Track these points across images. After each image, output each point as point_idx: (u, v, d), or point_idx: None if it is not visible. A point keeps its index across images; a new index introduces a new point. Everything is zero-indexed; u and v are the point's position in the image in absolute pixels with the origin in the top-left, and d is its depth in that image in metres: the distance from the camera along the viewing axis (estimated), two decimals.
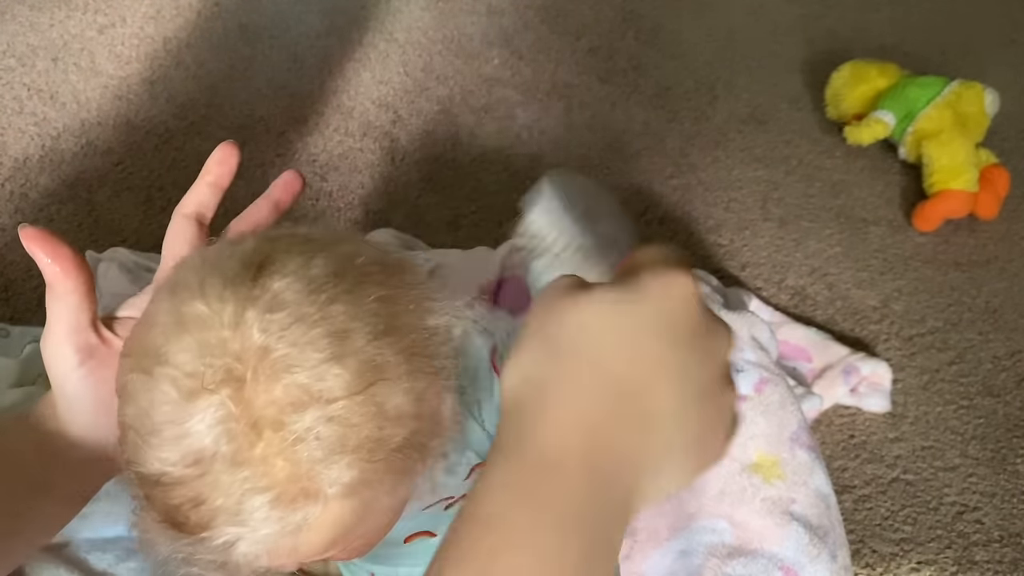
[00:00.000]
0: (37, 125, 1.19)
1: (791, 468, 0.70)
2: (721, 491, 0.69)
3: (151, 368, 0.39)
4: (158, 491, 0.40)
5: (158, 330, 0.40)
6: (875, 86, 1.18)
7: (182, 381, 0.38)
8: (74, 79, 1.26)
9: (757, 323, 0.78)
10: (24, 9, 1.37)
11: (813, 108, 1.27)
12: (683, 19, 1.43)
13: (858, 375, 0.91)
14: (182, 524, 0.39)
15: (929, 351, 0.97)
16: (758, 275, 1.04)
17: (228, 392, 0.38)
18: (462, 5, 1.44)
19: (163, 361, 0.39)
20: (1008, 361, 0.97)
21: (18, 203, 1.09)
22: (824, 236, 1.09)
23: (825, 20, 1.44)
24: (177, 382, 0.38)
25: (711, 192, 1.15)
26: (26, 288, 1.00)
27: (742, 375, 0.74)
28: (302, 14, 1.40)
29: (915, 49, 1.36)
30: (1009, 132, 1.22)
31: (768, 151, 1.21)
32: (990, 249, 1.09)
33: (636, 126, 1.24)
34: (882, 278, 1.05)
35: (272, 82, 1.27)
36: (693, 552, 0.67)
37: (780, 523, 0.67)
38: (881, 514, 0.84)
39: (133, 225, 1.07)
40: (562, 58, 1.35)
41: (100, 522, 0.67)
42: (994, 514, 0.84)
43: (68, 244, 0.45)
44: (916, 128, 1.12)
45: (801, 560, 0.65)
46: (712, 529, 0.68)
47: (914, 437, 0.90)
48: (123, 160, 1.15)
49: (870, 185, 1.16)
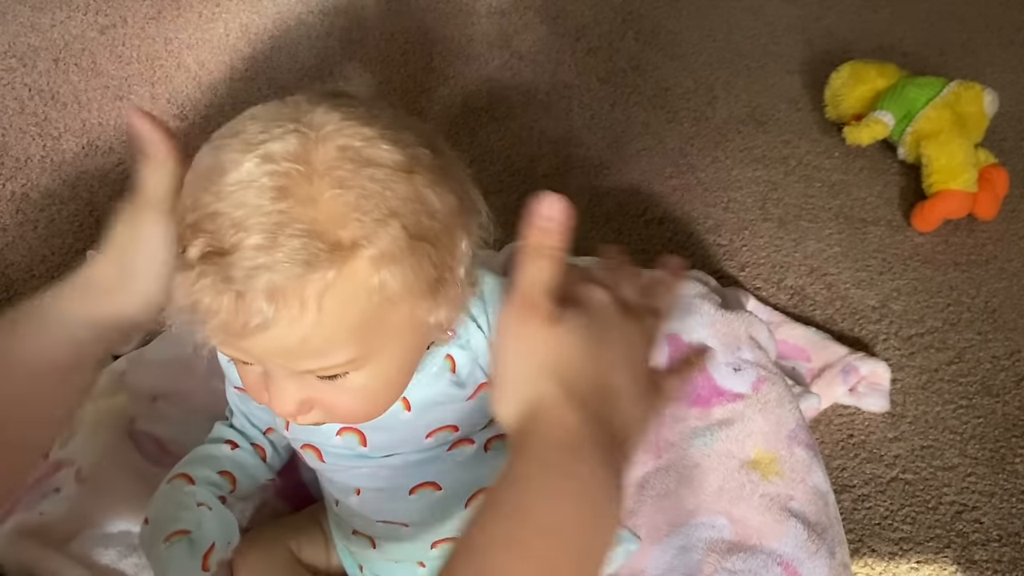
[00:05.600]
0: (38, 125, 1.19)
1: (789, 465, 0.70)
2: (720, 488, 0.69)
3: (220, 143, 0.46)
4: (208, 224, 0.43)
5: (223, 137, 0.46)
6: (874, 86, 1.18)
7: (250, 138, 0.44)
8: (75, 79, 1.27)
9: (755, 323, 0.78)
10: (25, 10, 1.37)
11: (812, 108, 1.27)
12: (683, 19, 1.43)
13: (857, 375, 0.91)
14: (220, 251, 0.43)
15: (928, 351, 0.97)
16: (757, 275, 1.05)
17: (292, 141, 0.44)
18: (462, 5, 1.44)
19: (233, 134, 0.45)
20: (1007, 361, 0.97)
21: (19, 203, 1.09)
22: (823, 236, 1.10)
23: (824, 21, 1.44)
24: (246, 138, 0.44)
25: (710, 192, 1.15)
26: (27, 288, 1.00)
27: (740, 374, 0.74)
28: (302, 15, 1.40)
29: (914, 49, 1.37)
30: (1008, 132, 1.23)
31: (767, 151, 1.21)
32: (989, 249, 1.09)
33: (636, 126, 1.24)
34: (881, 278, 1.05)
35: (272, 82, 1.27)
36: (692, 548, 0.67)
37: (778, 519, 0.67)
38: (880, 513, 0.84)
39: None
40: (562, 58, 1.35)
41: (103, 519, 0.68)
42: (993, 513, 0.84)
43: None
44: (915, 128, 1.13)
45: (800, 556, 0.66)
46: (711, 525, 0.68)
47: (913, 437, 0.90)
48: (124, 160, 1.15)
49: (869, 185, 1.17)
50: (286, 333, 0.43)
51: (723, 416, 0.72)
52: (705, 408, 0.73)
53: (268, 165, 0.43)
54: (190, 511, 0.58)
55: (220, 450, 0.64)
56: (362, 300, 0.44)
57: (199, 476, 0.61)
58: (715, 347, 0.76)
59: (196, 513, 0.58)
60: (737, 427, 0.71)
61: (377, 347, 0.47)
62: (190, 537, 0.57)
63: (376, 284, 0.44)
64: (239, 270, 0.42)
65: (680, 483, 0.71)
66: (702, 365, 0.72)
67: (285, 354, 0.45)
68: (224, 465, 0.63)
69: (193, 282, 0.43)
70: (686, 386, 0.67)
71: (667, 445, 0.73)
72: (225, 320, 0.43)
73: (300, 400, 0.48)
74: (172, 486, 0.61)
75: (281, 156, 0.43)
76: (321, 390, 0.48)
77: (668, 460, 0.72)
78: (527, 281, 0.45)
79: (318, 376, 0.47)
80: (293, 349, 0.44)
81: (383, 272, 0.44)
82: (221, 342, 0.46)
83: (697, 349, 0.58)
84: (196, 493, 0.60)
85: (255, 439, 0.65)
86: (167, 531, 0.57)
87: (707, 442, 0.71)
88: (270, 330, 0.43)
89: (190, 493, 0.60)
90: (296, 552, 0.69)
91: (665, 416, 0.75)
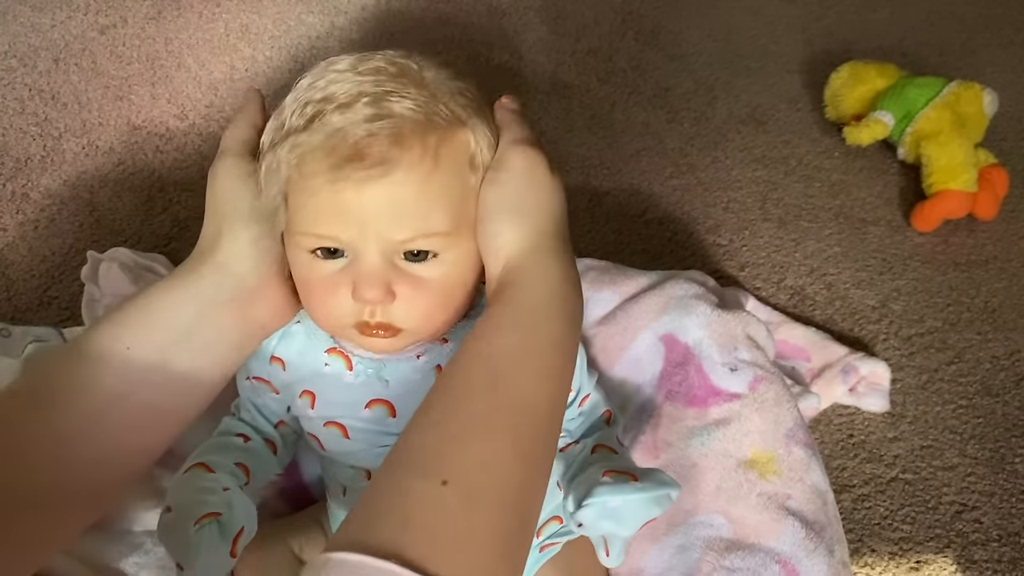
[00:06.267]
0: (39, 125, 1.20)
1: (787, 464, 0.70)
2: (717, 487, 0.69)
3: (314, 72, 0.53)
4: (329, 94, 0.50)
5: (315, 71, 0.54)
6: (874, 87, 1.18)
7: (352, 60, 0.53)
8: (75, 79, 1.27)
9: (752, 322, 0.78)
10: (26, 10, 1.37)
11: (812, 108, 1.27)
12: (683, 19, 1.43)
13: (857, 375, 0.91)
14: (343, 105, 0.49)
15: (928, 351, 0.97)
16: (757, 275, 1.05)
17: (395, 56, 0.53)
18: (462, 5, 1.44)
19: (330, 63, 0.53)
20: (1007, 361, 0.97)
21: (20, 203, 1.09)
22: (823, 236, 1.10)
23: (824, 21, 1.44)
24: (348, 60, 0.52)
25: (710, 192, 1.15)
26: (27, 288, 1.00)
27: (736, 374, 0.74)
28: (302, 14, 1.40)
29: (914, 49, 1.37)
30: (1008, 132, 1.23)
31: (767, 151, 1.21)
32: (989, 249, 1.09)
33: (636, 126, 1.24)
34: (881, 278, 1.05)
35: (273, 83, 1.27)
36: (691, 547, 0.67)
37: (776, 518, 0.67)
38: (880, 513, 0.84)
39: (134, 225, 1.07)
40: (562, 58, 1.35)
41: (104, 518, 0.68)
42: (993, 513, 0.84)
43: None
44: (915, 128, 1.13)
45: (798, 554, 0.66)
46: (709, 524, 0.68)
47: (913, 436, 0.90)
48: (124, 160, 1.15)
49: (869, 185, 1.17)
50: (404, 180, 0.48)
51: (720, 416, 0.72)
52: (702, 408, 0.73)
53: (378, 60, 0.51)
54: (217, 495, 0.57)
55: (233, 442, 0.64)
56: (464, 172, 0.51)
57: (217, 464, 0.60)
58: (712, 347, 0.76)
59: (224, 496, 0.57)
60: (734, 426, 0.71)
61: (463, 230, 0.52)
62: (220, 520, 0.55)
63: (476, 151, 0.52)
64: (363, 115, 0.47)
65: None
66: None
67: (393, 210, 0.49)
68: (239, 456, 0.62)
69: (305, 138, 0.48)
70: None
71: (664, 445, 0.73)
72: (340, 161, 0.47)
73: (387, 282, 0.50)
74: (192, 474, 0.60)
75: (389, 60, 0.52)
76: (406, 277, 0.51)
77: (665, 460, 0.73)
78: (523, 133, 0.54)
79: (407, 256, 0.51)
80: (404, 202, 0.48)
81: (483, 143, 0.52)
82: (319, 216, 0.49)
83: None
84: (219, 479, 0.59)
85: (266, 433, 0.65)
86: (196, 514, 0.55)
87: (704, 442, 0.71)
88: (389, 175, 0.47)
89: (213, 479, 0.59)
90: (297, 552, 0.69)
91: (662, 416, 0.75)
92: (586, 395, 0.64)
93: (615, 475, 0.53)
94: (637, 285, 0.81)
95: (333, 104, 0.48)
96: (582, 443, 0.61)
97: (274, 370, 0.61)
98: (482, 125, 0.53)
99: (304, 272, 0.53)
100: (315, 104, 0.49)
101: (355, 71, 0.50)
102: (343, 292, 0.51)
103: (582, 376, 0.63)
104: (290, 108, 0.51)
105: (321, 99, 0.49)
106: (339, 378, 0.58)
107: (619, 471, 0.54)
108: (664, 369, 0.76)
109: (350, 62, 0.51)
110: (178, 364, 0.52)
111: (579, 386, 0.63)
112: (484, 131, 0.53)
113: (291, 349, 0.60)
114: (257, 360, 0.61)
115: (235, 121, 0.55)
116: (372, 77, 0.50)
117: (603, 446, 0.60)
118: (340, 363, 0.58)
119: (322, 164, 0.48)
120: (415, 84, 0.50)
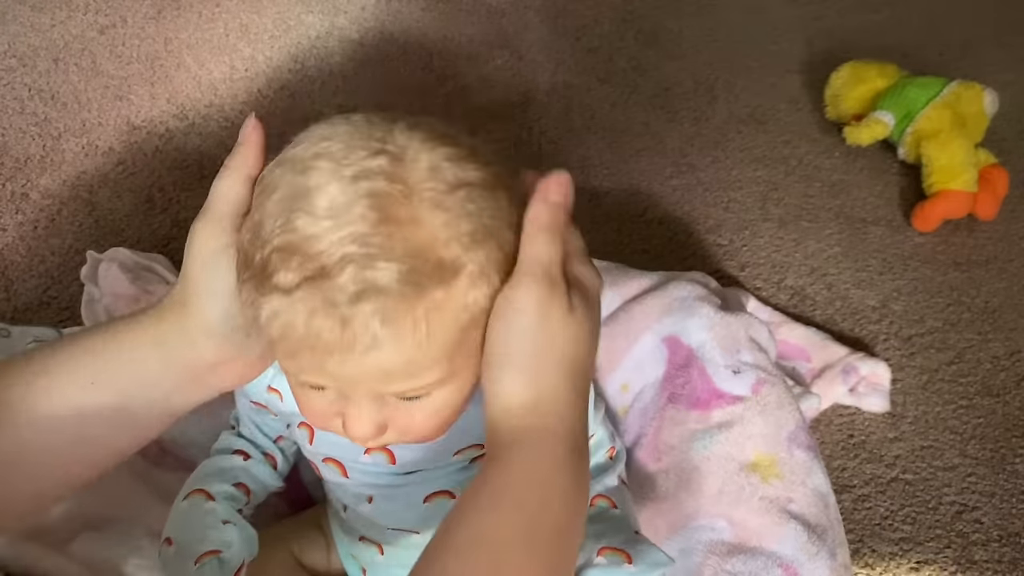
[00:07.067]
0: (38, 125, 1.19)
1: (789, 467, 0.70)
2: (719, 491, 0.69)
3: (302, 165, 0.44)
4: (304, 246, 0.42)
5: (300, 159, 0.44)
6: (874, 86, 1.18)
7: (338, 157, 0.43)
8: (75, 79, 1.27)
9: (755, 324, 0.78)
10: (25, 10, 1.37)
11: (812, 108, 1.27)
12: (683, 19, 1.43)
13: (857, 375, 0.91)
14: (321, 274, 0.41)
15: (928, 351, 0.97)
16: (757, 275, 1.05)
17: (383, 161, 0.43)
18: (462, 5, 1.44)
19: (313, 156, 0.44)
20: (1007, 361, 0.97)
21: (19, 203, 1.09)
22: (823, 236, 1.10)
23: (824, 21, 1.44)
24: (332, 159, 0.43)
25: (710, 192, 1.15)
26: (27, 288, 1.00)
27: (739, 376, 0.74)
28: (302, 14, 1.40)
29: (914, 49, 1.36)
30: (1008, 132, 1.23)
31: (767, 151, 1.21)
32: (989, 249, 1.09)
33: (636, 126, 1.24)
34: (881, 278, 1.05)
35: (272, 82, 1.27)
36: (692, 551, 0.67)
37: (778, 522, 0.67)
38: (880, 514, 0.84)
39: (134, 225, 1.07)
40: (562, 58, 1.35)
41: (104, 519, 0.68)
42: (993, 514, 0.84)
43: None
44: (915, 128, 1.13)
45: (800, 558, 0.65)
46: (711, 528, 0.68)
47: (913, 437, 0.90)
48: (124, 160, 1.15)
49: (869, 185, 1.17)
50: (390, 355, 0.42)
51: (722, 419, 0.72)
52: (704, 411, 0.73)
53: (364, 185, 0.42)
54: (217, 530, 0.57)
55: (232, 461, 0.63)
56: (461, 319, 0.44)
57: (217, 492, 0.60)
58: (715, 350, 0.75)
59: (223, 532, 0.57)
60: (736, 429, 0.71)
61: (461, 365, 0.46)
62: (220, 557, 0.55)
63: (471, 302, 0.44)
64: (344, 294, 0.41)
65: (679, 486, 0.70)
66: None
67: (381, 377, 0.44)
68: (239, 477, 0.62)
69: (287, 307, 0.42)
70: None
71: (666, 448, 0.73)
72: (325, 344, 0.42)
73: (378, 422, 0.46)
74: (192, 503, 0.60)
75: (376, 176, 0.42)
76: (398, 410, 0.47)
77: (667, 463, 0.72)
78: (544, 258, 0.46)
79: (400, 397, 0.46)
80: (392, 371, 0.43)
81: (478, 290, 0.44)
82: (303, 369, 0.44)
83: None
84: (218, 511, 0.59)
85: (266, 448, 0.65)
86: (196, 552, 0.55)
87: (706, 445, 0.71)
88: (374, 352, 0.42)
89: (212, 511, 0.59)
90: (297, 555, 0.69)
91: (664, 419, 0.75)
92: (591, 435, 0.63)
93: (610, 553, 0.53)
94: (639, 286, 0.81)
95: (312, 269, 0.41)
96: None
97: (272, 399, 0.60)
98: (488, 250, 0.44)
99: (294, 391, 0.50)
100: (299, 256, 0.42)
101: (334, 214, 0.42)
102: (335, 420, 0.48)
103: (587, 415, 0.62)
104: (262, 241, 0.43)
105: (304, 251, 0.42)
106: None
107: (615, 548, 0.54)
108: (667, 371, 0.76)
109: (328, 195, 0.42)
110: (129, 406, 0.49)
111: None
112: (490, 256, 0.45)
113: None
114: (255, 387, 0.60)
115: (227, 168, 0.48)
116: (352, 227, 0.41)
117: (603, 496, 0.60)
118: None
119: (303, 344, 0.43)
120: (402, 227, 0.42)
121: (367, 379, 0.44)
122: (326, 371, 0.43)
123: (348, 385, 0.45)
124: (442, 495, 0.59)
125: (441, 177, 0.43)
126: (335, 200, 0.42)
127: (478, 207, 0.44)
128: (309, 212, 0.42)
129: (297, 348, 0.43)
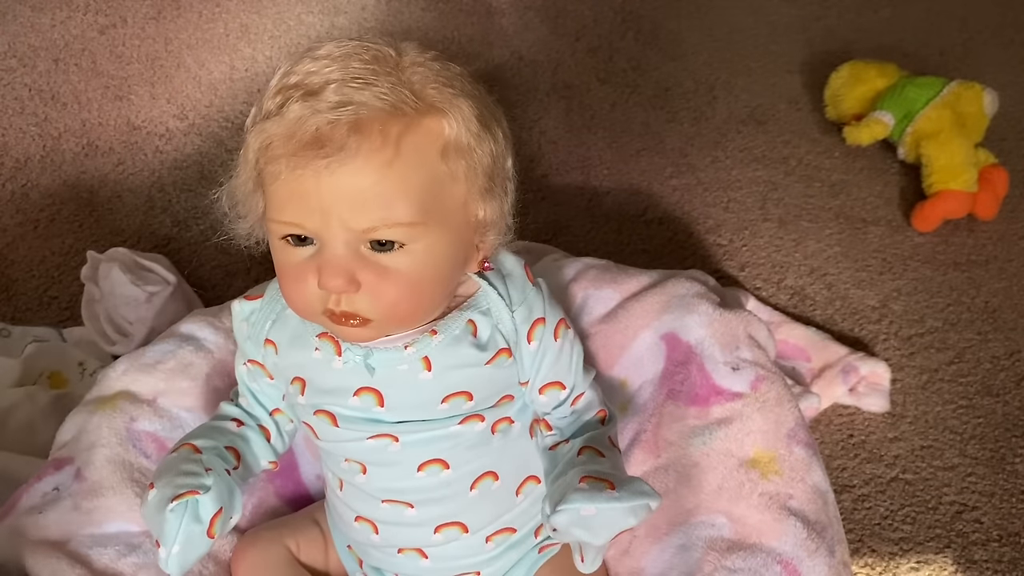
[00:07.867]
0: (38, 125, 1.20)
1: (788, 464, 0.70)
2: (719, 487, 0.69)
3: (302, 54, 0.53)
4: (303, 79, 0.50)
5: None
6: (874, 86, 1.18)
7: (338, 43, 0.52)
8: (75, 79, 1.27)
9: (753, 322, 0.78)
10: (26, 10, 1.38)
11: (812, 108, 1.27)
12: (683, 19, 1.43)
13: (857, 375, 0.91)
14: (310, 91, 0.49)
15: (928, 351, 0.97)
16: (757, 275, 1.05)
17: (381, 45, 0.53)
18: (462, 5, 1.44)
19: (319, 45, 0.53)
20: (1007, 361, 0.97)
21: (19, 203, 1.09)
22: (823, 236, 1.10)
23: (824, 21, 1.44)
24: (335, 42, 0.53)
25: (710, 192, 1.15)
26: (27, 288, 1.00)
27: (738, 373, 0.74)
28: (302, 14, 1.40)
29: (914, 49, 1.36)
30: (1008, 132, 1.23)
31: (767, 151, 1.21)
32: (989, 249, 1.09)
33: (636, 126, 1.24)
34: (881, 278, 1.05)
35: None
36: (692, 547, 0.67)
37: (778, 518, 0.67)
38: (880, 513, 0.84)
39: (134, 225, 1.07)
40: (562, 58, 1.35)
41: (102, 518, 0.68)
42: (993, 513, 0.84)
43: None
44: (915, 128, 1.13)
45: (799, 554, 0.65)
46: (711, 524, 0.68)
47: (913, 437, 0.90)
48: (124, 160, 1.15)
49: (869, 185, 1.17)
50: (362, 168, 0.48)
51: (722, 415, 0.72)
52: (704, 407, 0.73)
53: (361, 46, 0.51)
54: (197, 476, 0.57)
55: (226, 426, 0.64)
56: (433, 161, 0.51)
57: (205, 446, 0.60)
58: (714, 346, 0.76)
59: (203, 477, 0.57)
60: (736, 426, 0.71)
61: (434, 220, 0.51)
62: (197, 499, 0.55)
63: (448, 145, 0.51)
64: (327, 102, 0.48)
65: (679, 482, 0.71)
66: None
67: (352, 199, 0.49)
68: (230, 440, 0.63)
69: (281, 116, 0.49)
70: None
71: (666, 444, 0.73)
72: (301, 142, 0.48)
73: (351, 272, 0.51)
74: (178, 453, 0.60)
75: (373, 47, 0.51)
76: (371, 269, 0.51)
77: (667, 459, 0.72)
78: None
79: (372, 245, 0.51)
80: (364, 191, 0.49)
81: (455, 139, 0.51)
82: (284, 204, 0.50)
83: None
84: (204, 460, 0.59)
85: (261, 420, 0.65)
86: (172, 493, 0.55)
87: (706, 441, 0.71)
88: (348, 164, 0.48)
89: (198, 459, 0.59)
90: (295, 552, 0.69)
91: (663, 415, 0.75)
92: (580, 393, 0.64)
93: (592, 481, 0.53)
94: (638, 284, 0.81)
95: (301, 91, 0.49)
96: (571, 443, 0.61)
97: (268, 352, 0.61)
98: (468, 107, 0.52)
99: (278, 258, 0.54)
100: (286, 91, 0.50)
101: (330, 57, 0.51)
102: (311, 280, 0.52)
103: (576, 374, 0.63)
104: (267, 93, 0.52)
105: (292, 85, 0.50)
106: (328, 364, 0.59)
107: (597, 477, 0.54)
108: (666, 368, 0.76)
109: (328, 48, 0.51)
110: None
111: (572, 384, 0.63)
112: (469, 114, 0.52)
113: (284, 333, 0.60)
114: (253, 343, 0.62)
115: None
116: (343, 64, 0.50)
117: (590, 447, 0.60)
118: (330, 348, 0.58)
119: (283, 150, 0.49)
120: (387, 70, 0.51)
121: (340, 200, 0.49)
122: (301, 196, 0.49)
123: (322, 218, 0.50)
124: (435, 463, 0.60)
125: (429, 58, 0.53)
126: (333, 52, 0.51)
127: (461, 77, 0.53)
128: (311, 58, 0.50)
129: (280, 167, 0.49)
